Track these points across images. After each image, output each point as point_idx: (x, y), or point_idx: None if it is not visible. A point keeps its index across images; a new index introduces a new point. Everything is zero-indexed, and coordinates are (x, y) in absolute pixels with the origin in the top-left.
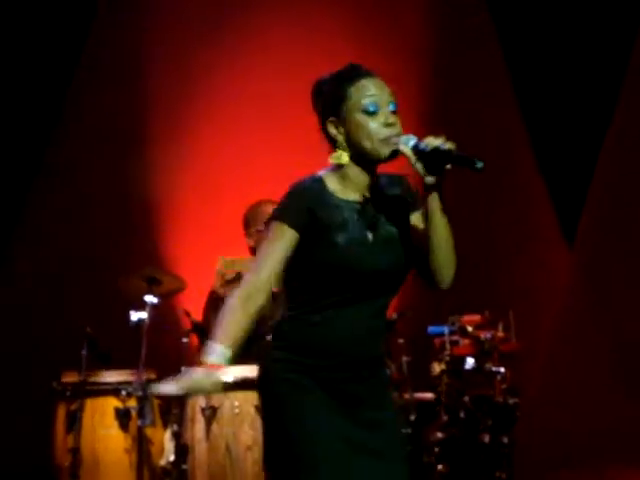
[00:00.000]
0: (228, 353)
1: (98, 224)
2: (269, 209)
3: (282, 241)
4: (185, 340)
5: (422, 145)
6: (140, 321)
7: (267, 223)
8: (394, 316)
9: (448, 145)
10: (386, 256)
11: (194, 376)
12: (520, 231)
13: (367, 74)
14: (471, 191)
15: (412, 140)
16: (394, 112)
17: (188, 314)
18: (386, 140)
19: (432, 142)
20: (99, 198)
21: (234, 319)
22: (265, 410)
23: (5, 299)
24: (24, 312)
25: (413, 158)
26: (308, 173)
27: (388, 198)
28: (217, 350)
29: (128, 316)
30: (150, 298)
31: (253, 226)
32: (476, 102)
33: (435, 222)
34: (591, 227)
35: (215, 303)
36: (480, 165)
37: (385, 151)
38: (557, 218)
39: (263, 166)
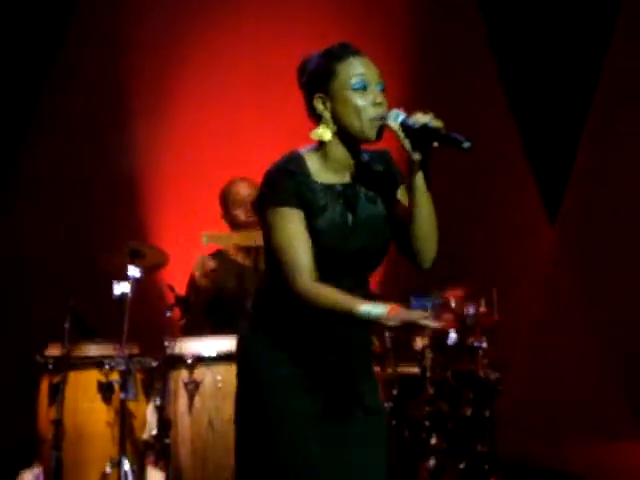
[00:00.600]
0: (364, 305)
1: (81, 199)
2: (240, 189)
3: (296, 224)
4: (168, 314)
5: (410, 121)
6: (123, 295)
7: (256, 209)
8: (377, 290)
9: (436, 123)
10: (366, 237)
11: (408, 312)
12: (504, 209)
13: (356, 52)
14: (456, 170)
15: (401, 116)
16: (382, 92)
17: (172, 288)
18: (374, 119)
19: (420, 119)
20: (82, 173)
21: (326, 292)
22: (240, 380)
23: None
24: (8, 285)
25: (401, 134)
26: (289, 148)
27: (371, 176)
28: (363, 305)
29: (111, 289)
30: (133, 271)
31: (225, 206)
32: (461, 84)
33: (418, 199)
34: (573, 206)
35: (195, 290)
36: (467, 145)
37: (372, 132)
38: (540, 197)
39: (245, 141)
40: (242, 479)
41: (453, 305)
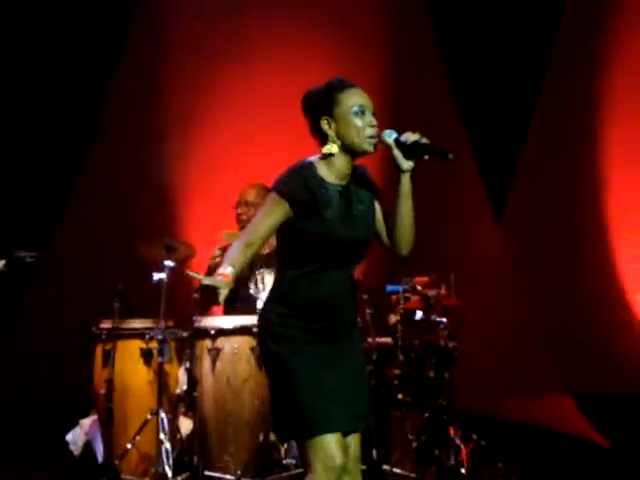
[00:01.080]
0: (233, 269)
1: (128, 202)
2: (247, 192)
3: (276, 208)
4: (195, 295)
5: (402, 138)
6: (160, 280)
7: (266, 193)
8: (360, 277)
9: (424, 139)
10: (359, 229)
11: (215, 278)
12: (459, 211)
13: (352, 85)
14: (418, 183)
15: (394, 134)
16: (374, 116)
17: (196, 276)
18: (371, 137)
19: (411, 137)
20: (129, 181)
21: (236, 254)
22: (264, 355)
23: (57, 262)
24: (72, 271)
25: (395, 148)
26: (296, 156)
27: (361, 183)
28: (227, 268)
29: (151, 276)
30: (168, 262)
31: (238, 207)
32: (414, 95)
33: (404, 200)
34: (515, 209)
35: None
36: (451, 156)
37: (369, 147)
38: (488, 200)
39: (263, 150)
40: (274, 402)
41: (419, 289)
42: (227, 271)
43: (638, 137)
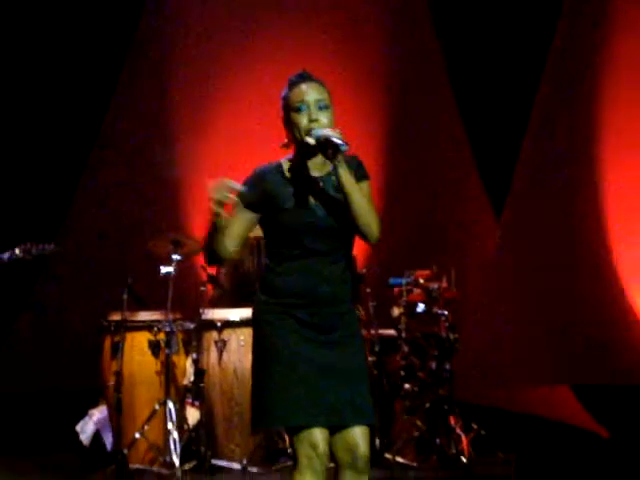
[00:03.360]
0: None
1: (137, 199)
2: None
3: (238, 215)
4: (202, 289)
5: (322, 135)
6: (168, 274)
7: None
8: (363, 270)
9: (334, 133)
10: (328, 216)
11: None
12: (460, 209)
13: (305, 80)
14: (420, 179)
15: (318, 132)
16: (323, 109)
17: (205, 268)
18: (308, 131)
19: (323, 132)
20: (138, 180)
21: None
22: (254, 337)
23: (68, 255)
24: (82, 264)
25: (317, 146)
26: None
27: (337, 171)
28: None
29: (159, 270)
30: (175, 256)
31: None
32: (415, 95)
33: (344, 188)
34: (514, 208)
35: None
36: (345, 147)
37: (309, 139)
38: (489, 199)
39: (265, 153)
40: (254, 384)
41: (421, 282)
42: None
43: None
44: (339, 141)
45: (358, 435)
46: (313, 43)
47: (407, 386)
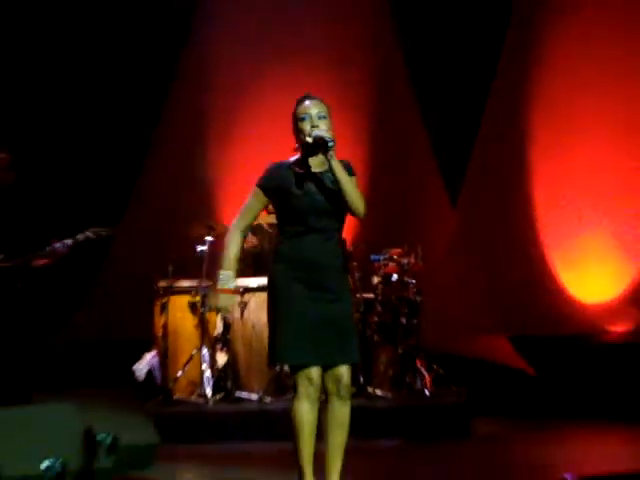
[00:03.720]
0: (232, 275)
1: (181, 193)
2: None
3: (254, 198)
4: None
5: (317, 134)
6: (203, 252)
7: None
8: (351, 249)
9: (325, 133)
10: (325, 202)
11: (220, 302)
12: (423, 198)
13: (308, 98)
14: (386, 170)
15: (314, 132)
16: (322, 118)
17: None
18: (309, 135)
19: (317, 133)
20: (181, 177)
21: (231, 250)
22: (268, 298)
23: (128, 237)
24: (141, 244)
25: (313, 143)
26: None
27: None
28: (226, 276)
29: (196, 248)
30: (209, 238)
31: None
32: (376, 92)
33: (336, 176)
34: (467, 195)
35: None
36: (331, 144)
37: (308, 139)
38: (446, 189)
39: (286, 154)
40: (270, 333)
41: (395, 257)
42: (226, 284)
43: (567, 128)
44: (328, 138)
45: (343, 371)
46: (339, 51)
47: (383, 337)
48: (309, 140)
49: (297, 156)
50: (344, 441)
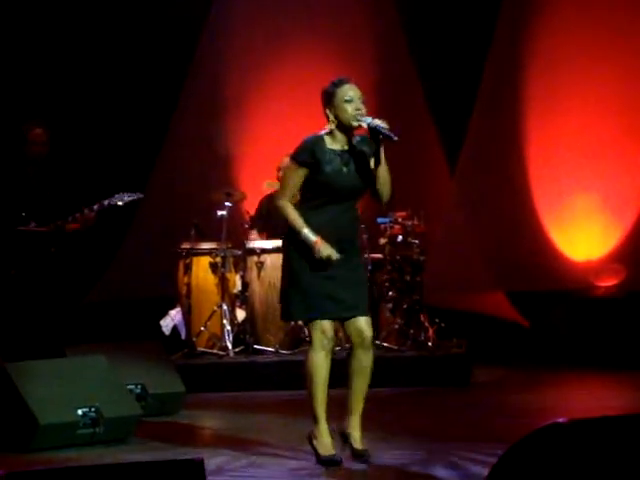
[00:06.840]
0: (306, 229)
1: (202, 163)
2: (285, 160)
3: (295, 173)
4: (246, 226)
5: (373, 123)
6: (222, 216)
7: (289, 159)
8: (359, 212)
9: (382, 124)
10: (351, 180)
11: (325, 250)
12: (426, 171)
13: (347, 82)
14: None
15: (368, 119)
16: (362, 103)
17: (247, 212)
18: (355, 117)
19: (374, 122)
20: (201, 149)
21: (295, 215)
22: (284, 258)
23: (154, 202)
24: (166, 211)
25: (368, 130)
26: (314, 131)
27: (359, 148)
28: (309, 231)
29: (216, 213)
30: (227, 203)
31: (279, 170)
32: (380, 74)
33: (380, 164)
34: (464, 166)
35: (260, 212)
36: (395, 139)
37: (355, 123)
38: (445, 159)
39: (294, 130)
40: (283, 290)
41: (400, 220)
42: (311, 238)
43: (555, 91)
44: (391, 133)
45: (364, 323)
46: (345, 39)
47: (390, 293)
48: (363, 124)
49: (323, 131)
50: (367, 386)
